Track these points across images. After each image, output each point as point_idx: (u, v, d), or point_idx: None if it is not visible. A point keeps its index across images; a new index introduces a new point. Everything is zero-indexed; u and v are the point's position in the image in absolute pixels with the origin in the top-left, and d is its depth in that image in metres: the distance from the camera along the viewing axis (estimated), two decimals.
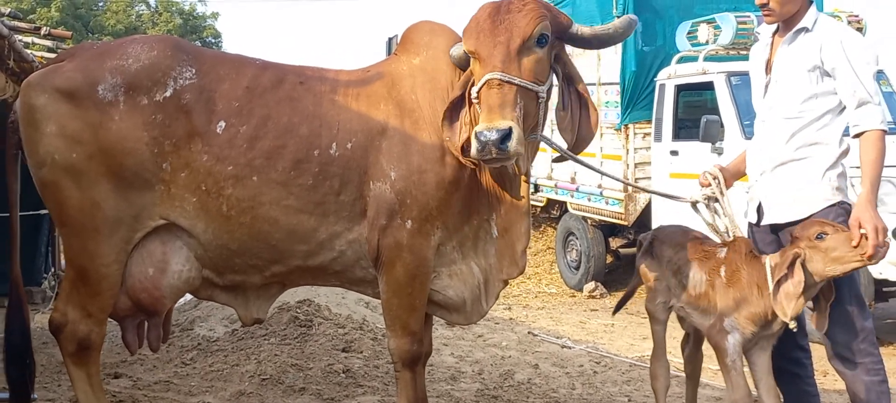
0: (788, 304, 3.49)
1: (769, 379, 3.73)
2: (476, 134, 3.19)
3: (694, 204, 4.02)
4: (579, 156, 3.73)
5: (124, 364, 6.03)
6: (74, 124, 3.45)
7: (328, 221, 3.63)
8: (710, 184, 3.94)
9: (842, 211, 3.56)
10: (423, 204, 3.59)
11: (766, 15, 3.71)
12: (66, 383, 5.48)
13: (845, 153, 3.62)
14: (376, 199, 3.60)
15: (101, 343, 3.69)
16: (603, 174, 4.20)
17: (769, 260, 3.62)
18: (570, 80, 3.57)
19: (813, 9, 3.66)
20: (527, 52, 3.33)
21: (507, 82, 3.25)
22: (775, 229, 3.77)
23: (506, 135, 3.15)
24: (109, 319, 3.73)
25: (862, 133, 3.49)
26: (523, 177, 3.67)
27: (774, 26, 3.79)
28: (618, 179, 4.58)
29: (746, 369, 3.79)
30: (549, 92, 3.48)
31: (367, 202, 3.62)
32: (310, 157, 3.58)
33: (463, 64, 3.59)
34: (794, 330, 3.64)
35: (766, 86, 3.75)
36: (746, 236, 3.94)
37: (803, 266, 3.47)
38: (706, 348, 4.09)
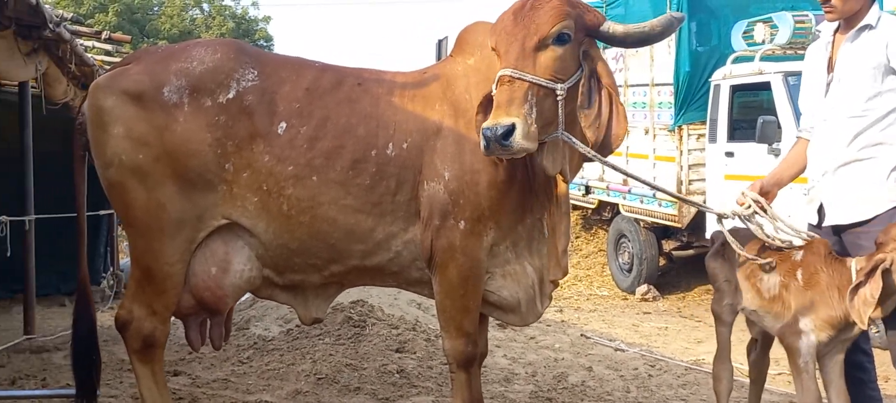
0: (865, 310, 3.39)
1: (840, 383, 3.65)
2: (481, 130, 3.21)
3: (721, 218, 3.94)
4: (606, 158, 3.65)
5: (183, 363, 6.15)
6: (141, 126, 3.53)
7: (385, 221, 3.66)
8: (746, 204, 3.83)
9: None
10: (476, 205, 3.59)
11: (827, 12, 3.65)
12: (128, 380, 5.60)
13: None
14: (430, 200, 3.62)
15: (165, 340, 3.77)
16: (628, 175, 4.10)
17: (855, 264, 3.52)
18: (597, 78, 3.48)
19: (875, 7, 3.60)
20: (544, 49, 3.30)
21: (518, 78, 3.25)
22: (837, 230, 3.71)
23: (509, 131, 3.14)
24: (173, 318, 3.81)
25: None
26: (560, 177, 3.62)
27: (835, 24, 3.73)
28: (643, 181, 4.46)
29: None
30: (573, 90, 3.38)
31: (420, 202, 3.64)
32: (367, 157, 3.62)
33: None
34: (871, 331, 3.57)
35: (828, 85, 3.69)
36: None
37: (885, 273, 3.38)
38: (774, 355, 4.02)
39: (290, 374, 5.72)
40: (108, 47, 8.58)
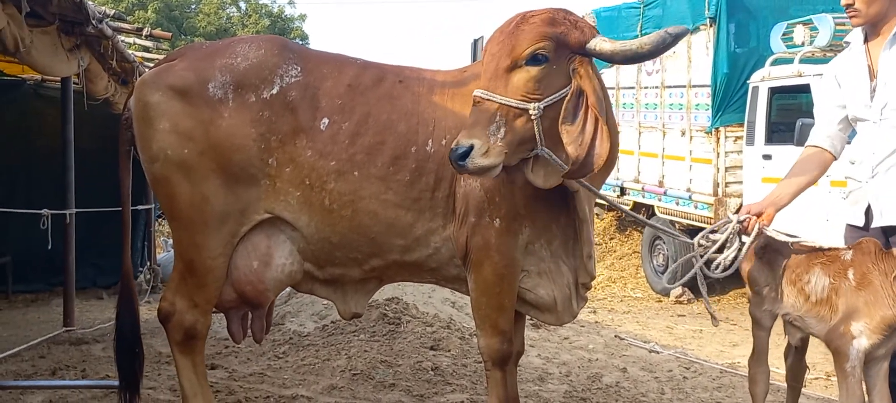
0: None
1: (884, 386, 3.60)
2: (454, 145, 3.23)
3: (696, 244, 3.91)
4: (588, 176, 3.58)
5: (219, 356, 6.21)
6: (186, 121, 3.58)
7: (424, 217, 3.68)
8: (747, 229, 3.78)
9: None
10: (512, 203, 3.60)
11: (852, 16, 3.68)
12: (166, 372, 5.68)
13: None
14: (466, 197, 3.63)
15: (206, 332, 3.81)
16: (604, 199, 4.04)
17: None
18: (585, 96, 3.39)
19: None
20: (517, 69, 3.28)
21: (487, 100, 3.25)
22: (888, 232, 3.68)
23: (465, 153, 3.16)
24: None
25: None
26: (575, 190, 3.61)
27: (863, 34, 3.73)
28: (613, 203, 4.34)
29: None
30: (556, 107, 3.32)
31: (457, 199, 3.66)
32: (407, 154, 3.65)
33: None
34: None
35: (874, 91, 3.67)
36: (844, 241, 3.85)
37: None
38: (810, 359, 3.97)
39: (326, 369, 5.76)
40: (148, 44, 8.69)
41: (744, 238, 3.84)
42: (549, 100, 3.30)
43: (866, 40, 3.75)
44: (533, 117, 3.28)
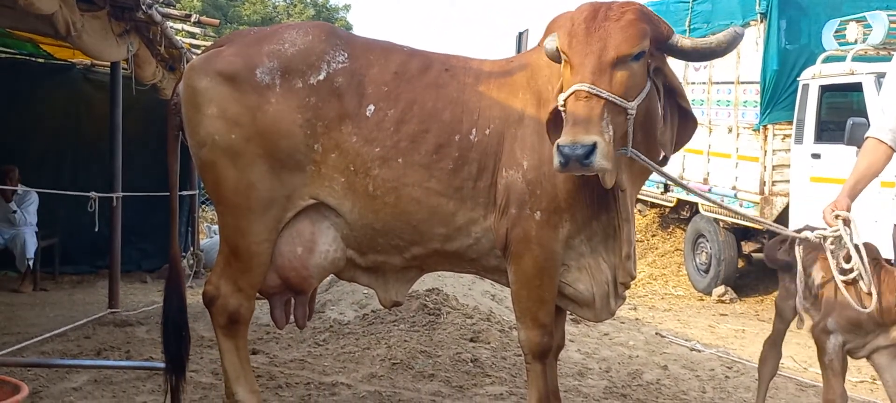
0: None
1: None
2: (559, 147, 3.09)
3: (795, 241, 3.87)
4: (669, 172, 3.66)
5: (261, 342, 6.26)
6: (234, 107, 3.60)
7: (466, 206, 3.67)
8: (834, 226, 3.68)
9: None
10: (553, 196, 3.57)
11: None
12: (208, 356, 5.73)
13: None
14: (507, 188, 3.61)
15: (249, 317, 3.84)
16: (682, 186, 3.96)
17: None
18: (671, 93, 3.44)
19: None
20: (620, 65, 3.20)
21: (596, 95, 3.13)
22: None
23: (590, 151, 3.04)
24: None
25: None
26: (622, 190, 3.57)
27: None
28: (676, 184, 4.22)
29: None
30: (643, 106, 3.32)
31: (498, 189, 3.64)
32: (451, 142, 3.64)
33: (555, 58, 3.46)
34: None
35: None
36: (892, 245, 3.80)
37: None
38: (856, 363, 4.00)
39: (365, 358, 5.77)
40: (196, 30, 8.78)
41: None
42: (639, 97, 3.27)
43: None
44: (630, 116, 3.24)
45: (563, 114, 3.21)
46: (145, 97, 8.52)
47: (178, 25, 8.38)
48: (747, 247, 10.81)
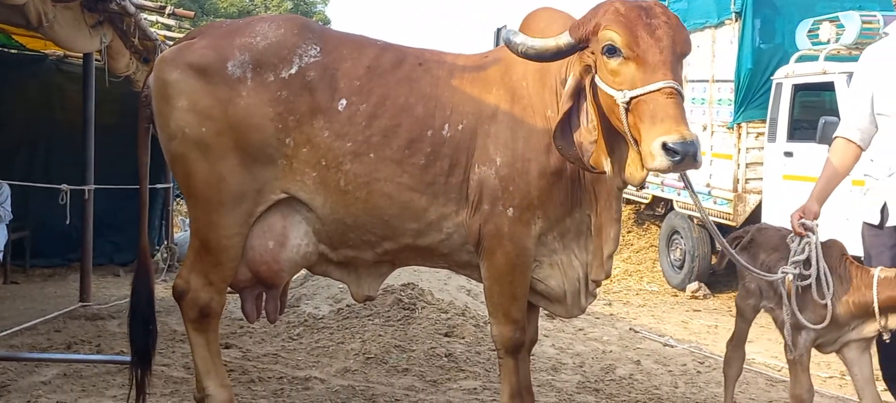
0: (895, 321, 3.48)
1: (871, 388, 3.68)
2: (669, 144, 2.98)
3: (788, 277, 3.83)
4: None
5: (234, 336, 6.24)
6: (205, 100, 3.57)
7: (438, 202, 3.67)
8: (804, 235, 3.72)
9: None
10: (525, 193, 3.58)
11: None
12: (180, 350, 5.70)
13: None
14: (480, 184, 3.61)
15: (220, 311, 3.81)
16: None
17: (878, 273, 3.56)
18: None
19: None
20: (679, 65, 3.20)
21: (679, 93, 3.09)
22: None
23: (698, 146, 3.00)
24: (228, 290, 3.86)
25: None
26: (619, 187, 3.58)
27: None
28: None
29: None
30: None
31: (470, 185, 3.64)
32: (423, 137, 3.63)
33: (561, 54, 3.35)
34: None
35: None
36: (861, 238, 3.84)
37: None
38: (826, 358, 4.03)
39: (339, 352, 5.77)
40: (170, 22, 8.72)
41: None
42: None
43: None
44: None
45: (633, 111, 3.13)
46: (119, 89, 8.47)
47: (153, 17, 8.32)
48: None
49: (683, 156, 2.96)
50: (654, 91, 3.07)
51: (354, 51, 3.73)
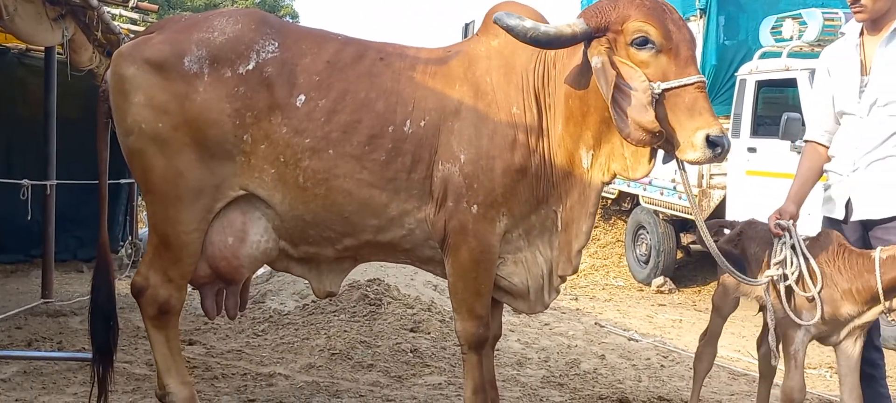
0: None
1: (853, 378, 3.68)
2: (714, 137, 3.19)
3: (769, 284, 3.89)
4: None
5: (198, 332, 6.20)
6: (162, 95, 3.54)
7: (399, 198, 3.65)
8: (780, 235, 3.78)
9: None
10: (490, 190, 3.57)
11: (857, 12, 3.65)
12: (143, 347, 5.65)
13: None
14: (444, 181, 3.60)
15: (180, 308, 3.78)
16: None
17: (879, 254, 3.53)
18: None
19: None
20: None
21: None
22: (867, 225, 3.70)
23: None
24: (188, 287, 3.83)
25: None
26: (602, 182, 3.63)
27: (860, 26, 3.72)
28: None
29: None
30: None
31: (434, 182, 3.63)
32: (384, 133, 3.60)
33: (574, 40, 3.38)
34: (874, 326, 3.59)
35: (864, 86, 3.66)
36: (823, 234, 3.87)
37: None
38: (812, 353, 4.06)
39: (304, 348, 5.75)
40: (135, 16, 8.63)
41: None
42: None
43: (862, 34, 3.74)
44: None
45: (664, 102, 3.27)
46: (82, 83, 8.34)
47: (117, 10, 8.23)
48: (686, 239, 11.00)
49: (723, 149, 3.18)
50: (689, 84, 3.24)
51: (314, 45, 3.70)
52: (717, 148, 3.19)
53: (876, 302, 3.54)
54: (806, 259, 3.66)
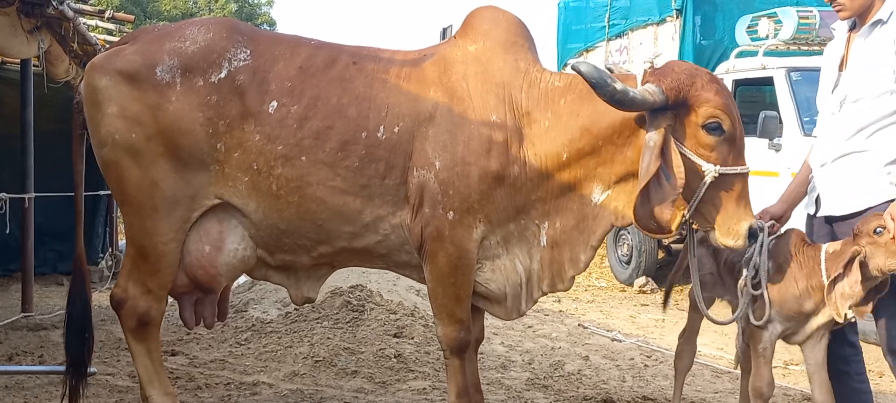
0: (843, 304, 3.47)
1: (821, 374, 3.71)
2: (754, 229, 3.47)
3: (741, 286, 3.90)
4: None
5: (180, 343, 6.16)
6: (134, 106, 3.54)
7: (373, 204, 3.65)
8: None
9: None
10: (465, 197, 3.57)
11: (838, 10, 3.64)
12: (125, 359, 5.62)
13: None
14: (419, 188, 3.59)
15: (160, 318, 3.77)
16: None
17: (826, 248, 3.60)
18: None
19: (889, 1, 3.57)
20: None
21: None
22: (830, 221, 3.72)
23: None
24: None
25: None
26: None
27: (849, 23, 3.72)
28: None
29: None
30: None
31: (410, 188, 3.63)
32: (357, 139, 3.59)
33: (652, 110, 3.43)
34: (849, 322, 3.60)
35: (838, 81, 3.68)
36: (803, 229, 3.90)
37: (862, 264, 3.41)
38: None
39: (288, 356, 5.73)
40: (111, 27, 8.57)
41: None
42: None
43: (852, 29, 3.73)
44: None
45: (715, 185, 3.44)
46: (59, 95, 8.28)
47: (93, 21, 8.17)
48: (667, 239, 11.05)
49: (755, 240, 3.49)
50: (741, 174, 3.46)
51: (287, 51, 3.70)
52: (753, 240, 3.44)
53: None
54: (766, 259, 3.69)
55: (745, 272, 3.71)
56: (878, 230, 3.37)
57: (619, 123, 3.52)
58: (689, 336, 4.49)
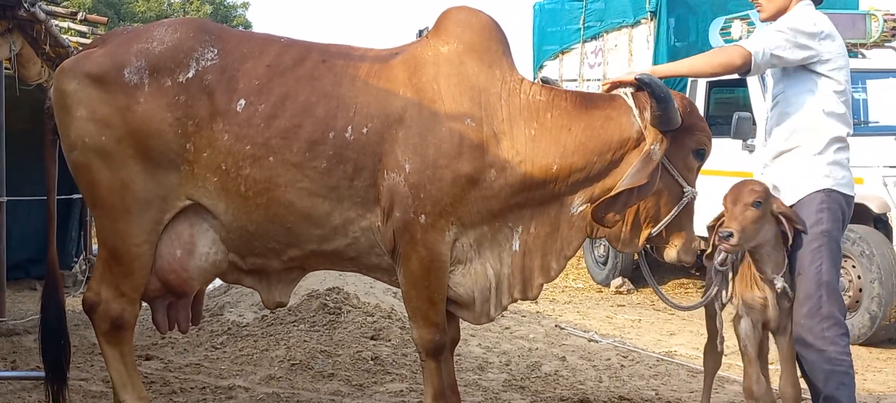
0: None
1: (789, 367, 3.76)
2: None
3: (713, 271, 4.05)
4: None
5: (155, 347, 6.11)
6: (103, 108, 3.52)
7: (342, 206, 3.63)
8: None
9: (826, 197, 3.61)
10: (437, 200, 3.57)
11: (758, 10, 3.83)
12: (99, 363, 5.57)
13: (837, 140, 3.66)
14: (390, 191, 3.58)
15: (133, 322, 3.74)
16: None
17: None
18: None
19: (804, 4, 3.71)
20: None
21: None
22: None
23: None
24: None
25: None
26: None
27: None
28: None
29: None
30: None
31: (380, 191, 3.61)
32: (325, 139, 3.57)
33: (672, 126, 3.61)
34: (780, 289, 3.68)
35: (769, 78, 3.88)
36: None
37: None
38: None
39: (264, 360, 5.70)
40: (84, 29, 8.51)
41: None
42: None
43: None
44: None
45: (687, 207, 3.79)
46: (32, 97, 8.20)
47: (65, 23, 8.11)
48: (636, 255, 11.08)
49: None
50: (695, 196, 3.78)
51: (256, 49, 3.68)
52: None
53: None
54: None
55: (715, 257, 3.85)
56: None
57: (615, 140, 3.64)
58: (710, 343, 4.42)
